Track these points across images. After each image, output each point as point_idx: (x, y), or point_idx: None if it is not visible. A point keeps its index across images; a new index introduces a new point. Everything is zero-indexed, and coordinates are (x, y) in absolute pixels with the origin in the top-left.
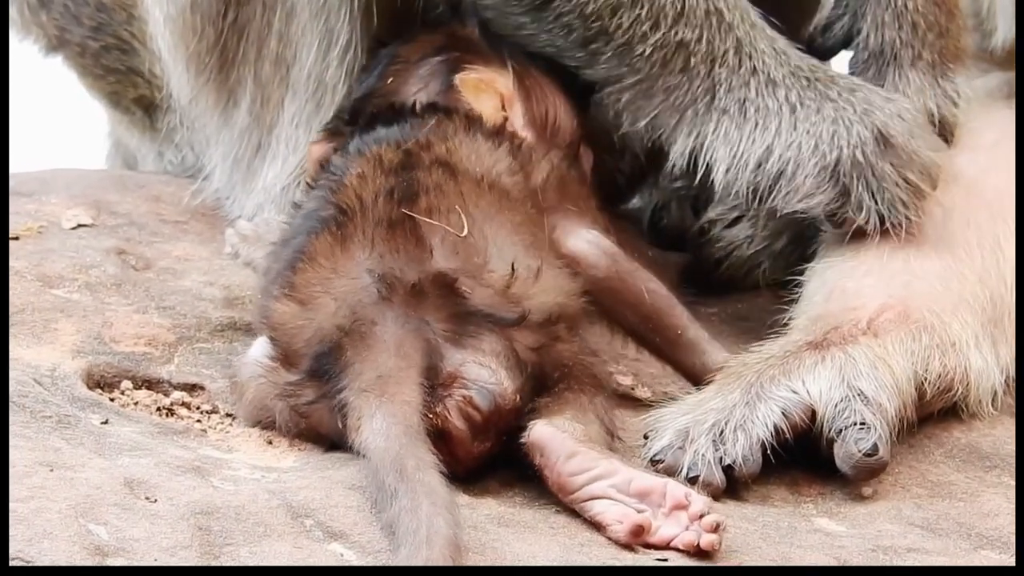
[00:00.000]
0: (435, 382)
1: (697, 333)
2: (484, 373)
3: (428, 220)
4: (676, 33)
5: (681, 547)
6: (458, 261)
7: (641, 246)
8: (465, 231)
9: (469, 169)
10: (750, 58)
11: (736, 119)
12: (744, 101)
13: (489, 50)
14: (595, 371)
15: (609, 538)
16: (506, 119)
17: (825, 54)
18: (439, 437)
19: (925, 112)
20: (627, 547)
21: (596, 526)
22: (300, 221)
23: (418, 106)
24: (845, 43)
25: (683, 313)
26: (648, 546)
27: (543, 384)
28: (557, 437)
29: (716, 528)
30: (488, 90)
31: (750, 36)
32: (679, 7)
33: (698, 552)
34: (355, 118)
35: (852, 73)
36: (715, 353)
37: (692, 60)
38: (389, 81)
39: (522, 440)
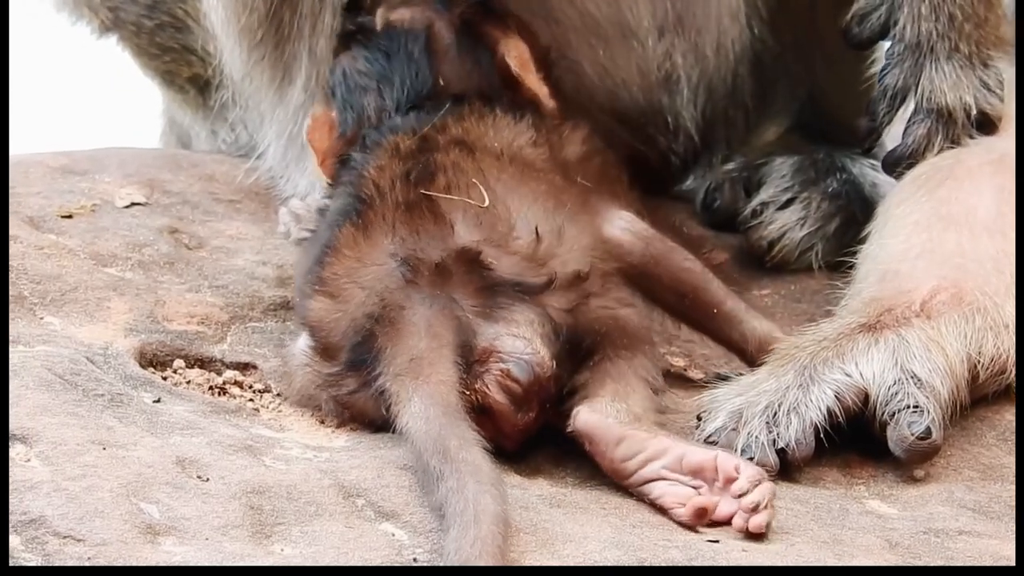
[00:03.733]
0: (471, 359)
1: (735, 305)
2: (519, 344)
3: (446, 196)
4: None
5: (735, 528)
6: (482, 232)
7: (692, 227)
8: (487, 201)
9: (487, 145)
10: None
11: None
12: None
13: (494, 16)
14: (632, 324)
15: (674, 521)
16: (541, 88)
17: (861, 44)
18: (482, 413)
19: (962, 106)
20: (688, 528)
21: (658, 509)
22: (329, 217)
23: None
24: (882, 34)
25: (719, 288)
26: (711, 524)
27: (579, 351)
28: (602, 424)
29: (756, 508)
30: (527, 62)
31: None
32: None
33: (748, 534)
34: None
35: (887, 64)
36: (752, 321)
37: None
38: (440, 81)
39: (568, 429)
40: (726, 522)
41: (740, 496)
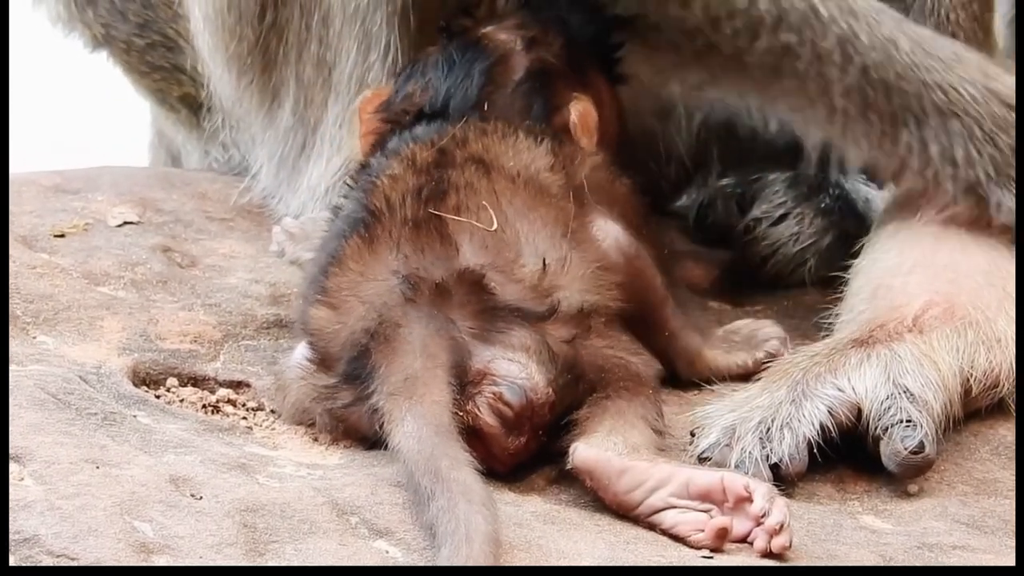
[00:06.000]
0: (464, 380)
1: (677, 325)
2: (514, 368)
3: (455, 217)
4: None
5: (758, 550)
6: (487, 256)
7: (684, 243)
8: (495, 226)
9: (505, 166)
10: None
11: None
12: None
13: (570, 70)
14: (635, 369)
15: (694, 548)
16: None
17: None
18: (473, 435)
19: None
20: (710, 551)
21: (674, 538)
22: (338, 224)
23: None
24: None
25: (671, 311)
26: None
27: (580, 387)
28: (601, 458)
29: (780, 528)
30: (590, 123)
31: (853, 30)
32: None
33: (770, 555)
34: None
35: None
36: (686, 338)
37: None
38: (486, 108)
39: (568, 467)
40: (742, 541)
41: (761, 517)
